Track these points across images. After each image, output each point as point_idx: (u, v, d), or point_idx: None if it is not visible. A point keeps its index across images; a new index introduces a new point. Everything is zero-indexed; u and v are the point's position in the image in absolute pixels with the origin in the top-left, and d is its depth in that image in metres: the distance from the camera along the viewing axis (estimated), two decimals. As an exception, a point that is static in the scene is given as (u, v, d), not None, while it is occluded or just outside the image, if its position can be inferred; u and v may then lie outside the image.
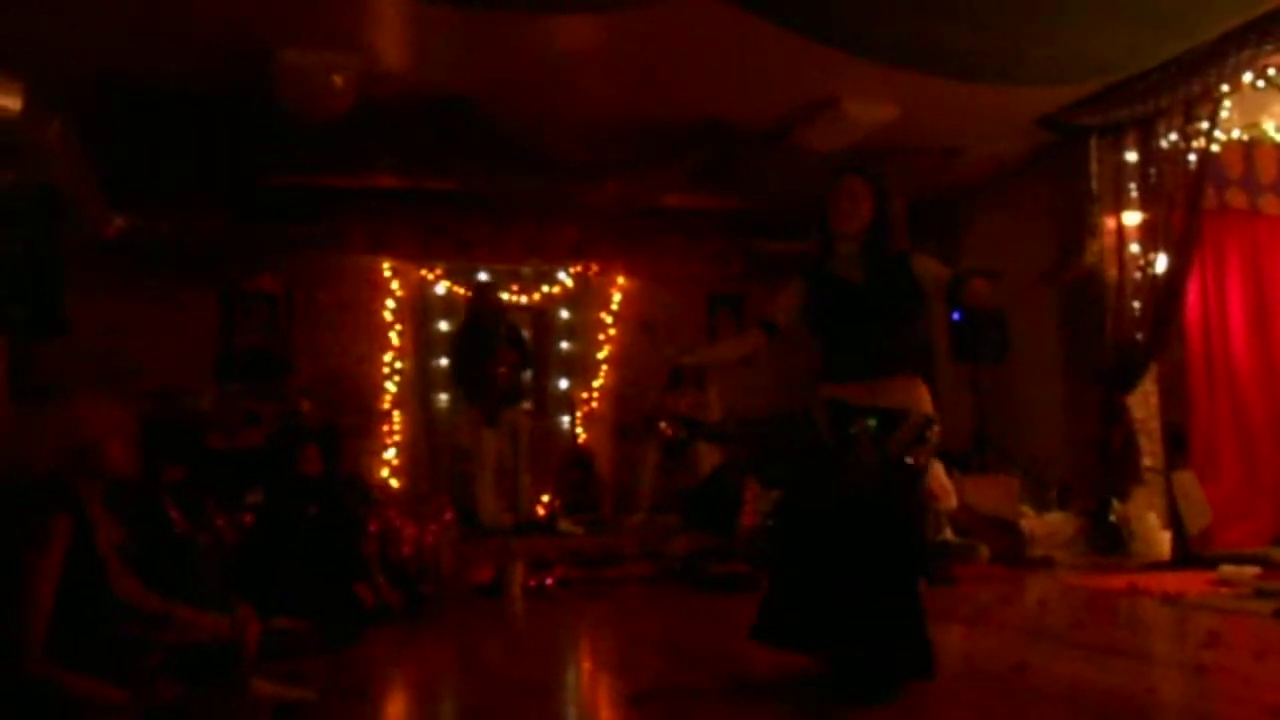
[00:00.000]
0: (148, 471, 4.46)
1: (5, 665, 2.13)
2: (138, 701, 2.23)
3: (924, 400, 3.29)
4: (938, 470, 6.51)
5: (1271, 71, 6.07)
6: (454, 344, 7.57)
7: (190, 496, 5.34)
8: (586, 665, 4.38)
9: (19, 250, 5.33)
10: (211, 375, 7.37)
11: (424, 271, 8.30)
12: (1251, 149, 6.95)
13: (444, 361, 8.30)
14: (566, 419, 8.59)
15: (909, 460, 3.20)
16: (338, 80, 5.60)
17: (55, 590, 2.20)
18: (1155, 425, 6.76)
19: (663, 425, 7.46)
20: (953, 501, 6.55)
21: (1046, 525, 6.64)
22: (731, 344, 4.96)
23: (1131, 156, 6.61)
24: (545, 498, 7.84)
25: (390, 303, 8.15)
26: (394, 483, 7.92)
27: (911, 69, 5.67)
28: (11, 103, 5.06)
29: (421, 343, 8.32)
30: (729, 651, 4.25)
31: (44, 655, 2.13)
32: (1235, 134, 6.72)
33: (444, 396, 8.30)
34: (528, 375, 7.62)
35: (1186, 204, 6.30)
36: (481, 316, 7.32)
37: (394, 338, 8.14)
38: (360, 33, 5.45)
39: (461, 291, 8.39)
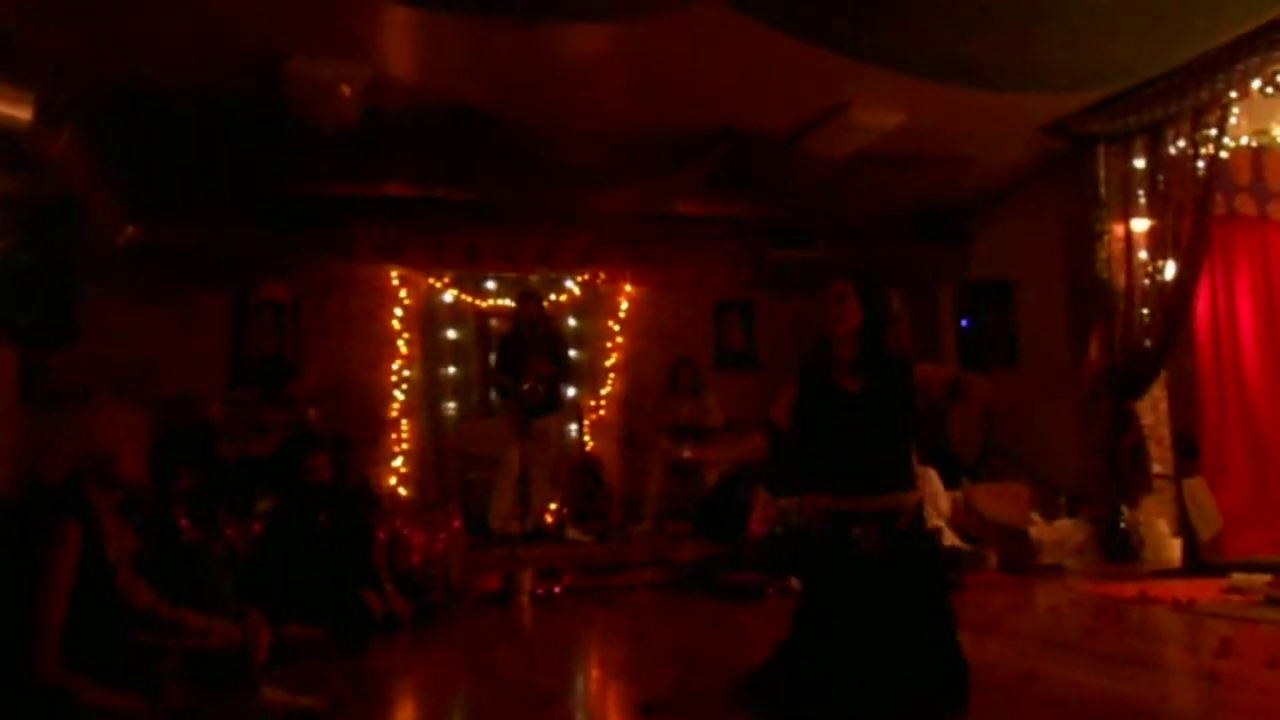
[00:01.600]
0: (158, 479, 4.49)
1: (18, 672, 2.13)
2: (150, 708, 2.23)
3: (915, 498, 3.28)
4: (930, 475, 6.50)
5: (1280, 78, 6.07)
6: (497, 352, 7.57)
7: (201, 505, 5.36)
8: (596, 673, 4.38)
9: (30, 259, 5.38)
10: (223, 383, 7.39)
11: (432, 280, 8.33)
12: (1260, 155, 6.95)
13: (452, 370, 8.33)
14: (574, 427, 8.59)
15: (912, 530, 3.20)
16: (346, 89, 5.62)
17: (67, 598, 2.21)
18: (1165, 432, 6.74)
19: (666, 445, 7.42)
20: (943, 506, 6.53)
21: (1056, 532, 6.63)
22: (733, 446, 4.81)
23: (1140, 163, 6.61)
24: (553, 505, 7.83)
25: (398, 311, 8.17)
26: (402, 491, 7.93)
27: (923, 77, 5.68)
28: (22, 113, 5.08)
29: (429, 351, 8.34)
30: (738, 659, 4.24)
31: (57, 662, 2.14)
32: (1244, 140, 6.72)
33: (452, 405, 8.31)
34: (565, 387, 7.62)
35: (1195, 211, 6.29)
36: (520, 326, 7.33)
37: (402, 346, 8.16)
38: (369, 42, 5.47)
39: (470, 300, 8.41)
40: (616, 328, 8.69)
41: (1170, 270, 6.40)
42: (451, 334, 8.41)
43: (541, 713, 3.28)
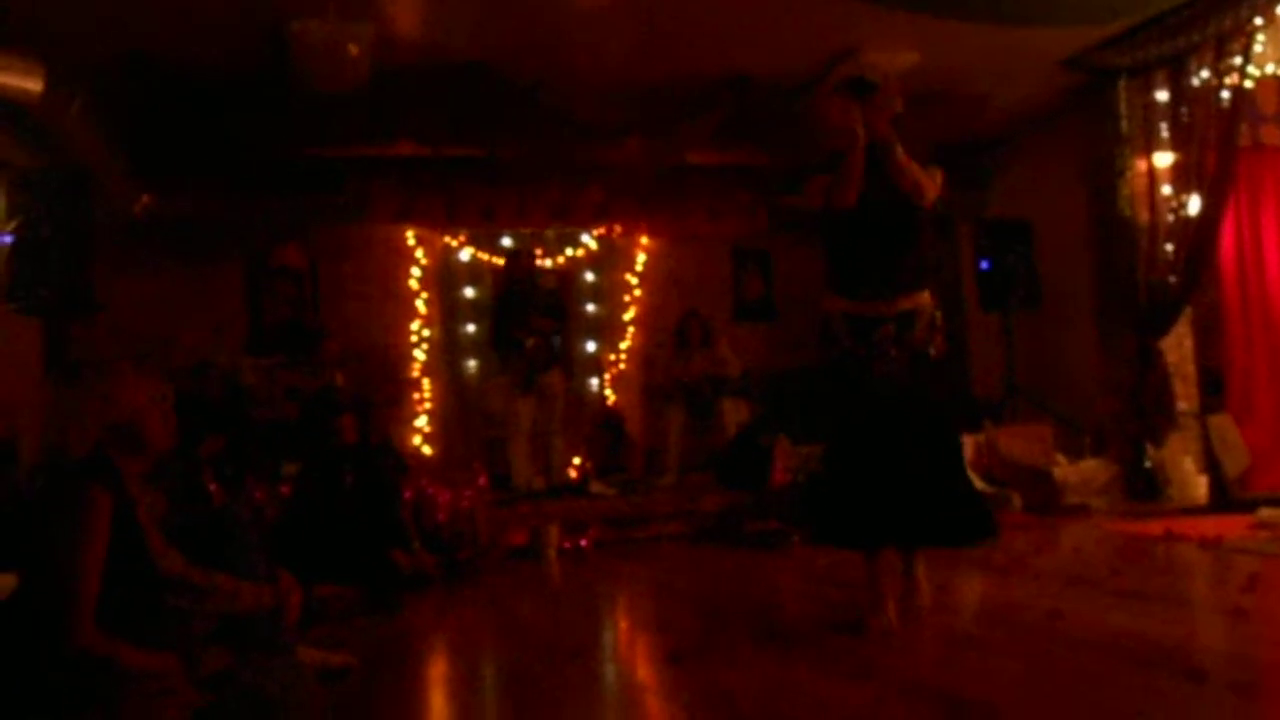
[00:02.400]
0: (186, 445, 4.54)
1: (55, 639, 2.17)
2: (187, 670, 2.27)
3: (928, 299, 3.59)
4: None
5: (1306, 3, 5.91)
6: (492, 312, 7.59)
7: (228, 469, 5.43)
8: (624, 625, 4.43)
9: (48, 232, 5.40)
10: (243, 349, 7.45)
11: (448, 239, 8.31)
12: (1287, 84, 6.78)
13: (471, 328, 8.34)
14: (595, 381, 8.62)
15: (931, 351, 3.55)
16: (353, 49, 5.57)
17: (101, 565, 2.24)
18: (1190, 369, 6.68)
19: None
20: (965, 450, 6.49)
21: (1080, 473, 6.60)
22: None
23: (1162, 96, 6.47)
24: (577, 460, 7.88)
25: (415, 271, 8.18)
26: (426, 450, 8.00)
27: (936, 14, 5.57)
28: (33, 85, 5.08)
29: (448, 310, 8.35)
30: (764, 607, 4.29)
31: (94, 629, 2.18)
32: (1270, 69, 6.54)
33: (473, 363, 8.34)
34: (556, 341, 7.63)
35: (1220, 143, 6.17)
36: (514, 284, 7.33)
37: (420, 306, 8.17)
38: (374, 1, 5.41)
39: (486, 258, 8.39)
40: (634, 281, 8.66)
41: (1194, 205, 6.30)
42: (470, 292, 8.41)
43: (570, 666, 3.33)
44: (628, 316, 8.64)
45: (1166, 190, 6.46)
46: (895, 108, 3.52)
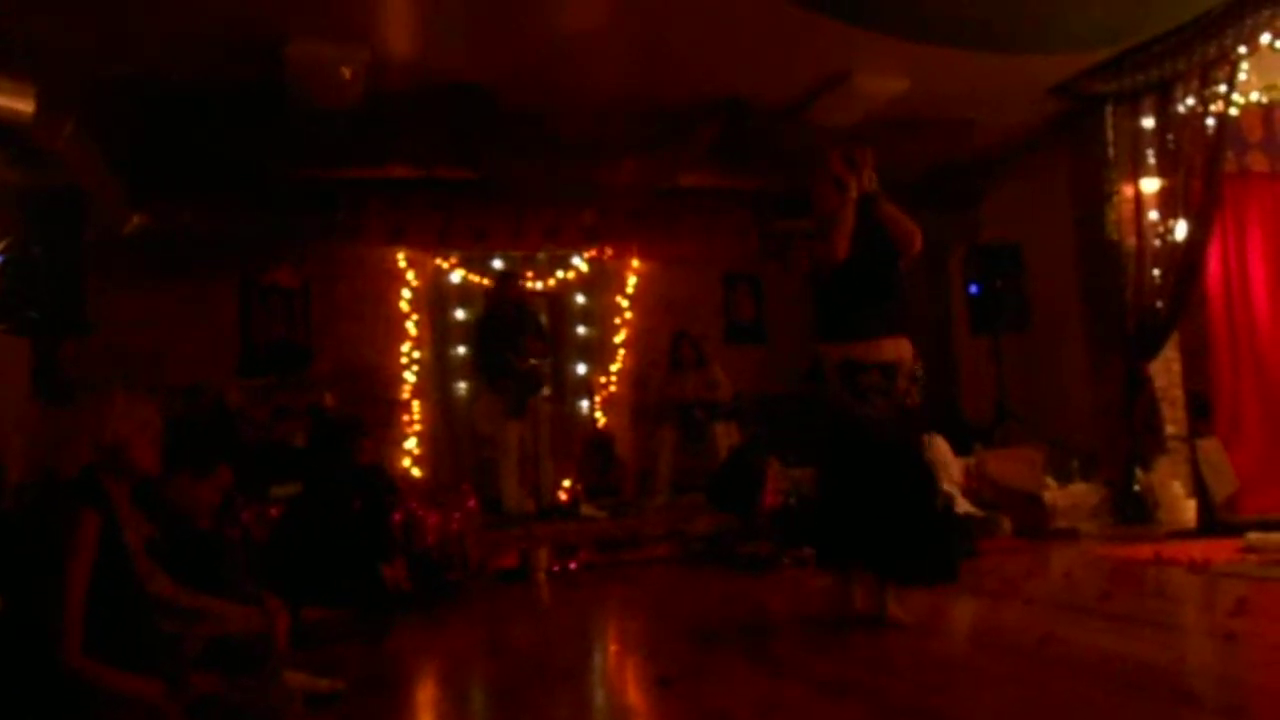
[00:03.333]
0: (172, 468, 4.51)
1: (41, 661, 2.16)
2: (174, 695, 2.25)
3: (909, 349, 3.89)
4: (938, 443, 6.47)
5: (1289, 31, 5.99)
6: (477, 335, 7.56)
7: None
8: (614, 648, 4.41)
9: (38, 252, 5.39)
10: (234, 370, 7.43)
11: (439, 260, 8.32)
12: (1271, 111, 6.87)
13: (462, 350, 8.33)
14: (585, 403, 8.61)
15: (908, 401, 3.84)
16: (346, 72, 5.60)
17: (87, 587, 2.23)
18: (1178, 393, 6.72)
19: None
20: (954, 473, 6.51)
21: (1070, 496, 6.61)
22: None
23: (1148, 122, 6.54)
24: (567, 482, 7.86)
25: (406, 293, 8.18)
26: (416, 472, 7.97)
27: (926, 41, 5.62)
28: (24, 106, 5.08)
29: (438, 332, 8.34)
30: (755, 630, 4.27)
31: (79, 651, 2.16)
32: (1254, 97, 6.63)
33: (463, 385, 8.32)
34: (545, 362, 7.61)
35: (1206, 169, 6.23)
36: (503, 306, 7.31)
37: (411, 328, 8.17)
38: (367, 23, 5.44)
39: (477, 280, 8.40)
40: (625, 303, 8.68)
41: (1181, 230, 6.35)
42: (460, 314, 8.41)
43: (560, 688, 3.31)
44: (619, 339, 8.65)
45: (1153, 216, 6.52)
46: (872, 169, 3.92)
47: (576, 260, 8.59)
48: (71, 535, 2.25)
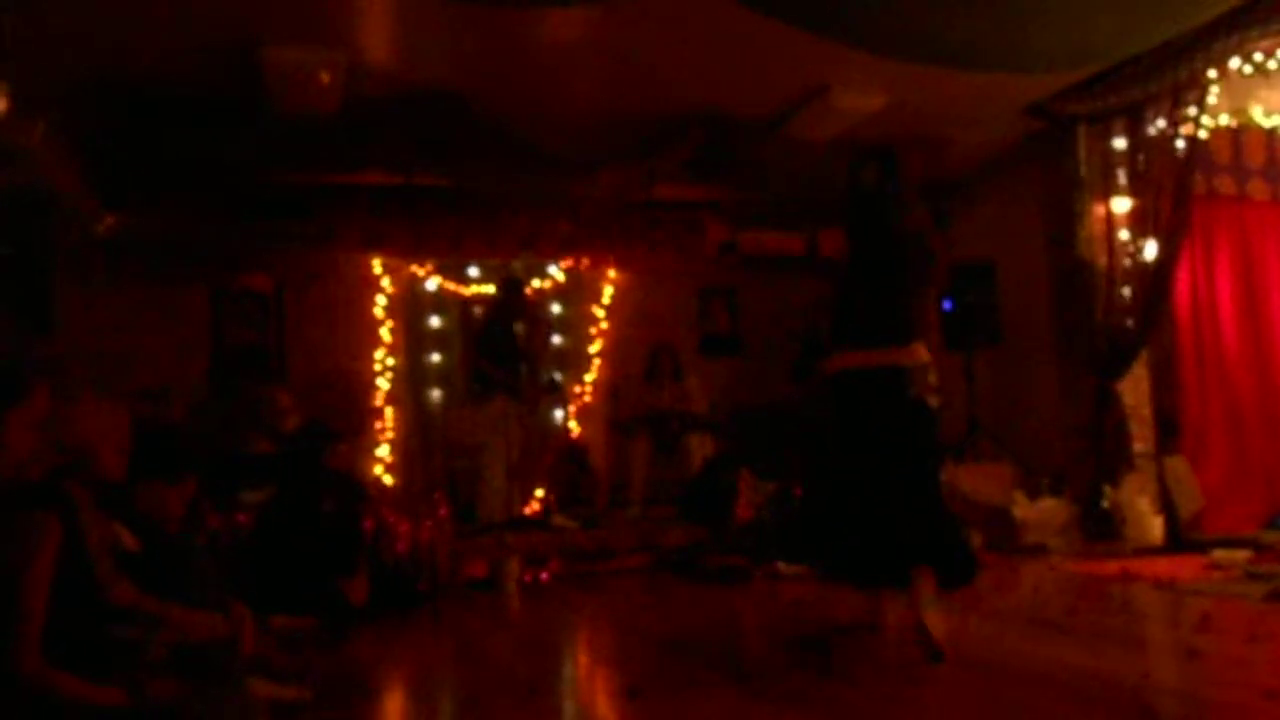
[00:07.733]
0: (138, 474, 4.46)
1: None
2: (134, 702, 2.22)
3: (923, 353, 3.72)
4: None
5: (1258, 57, 6.10)
6: (480, 341, 7.48)
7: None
8: (583, 659, 4.39)
9: (6, 252, 5.32)
10: (204, 374, 7.36)
11: (415, 268, 8.29)
12: (1239, 135, 6.98)
13: (436, 358, 8.29)
14: (559, 413, 8.59)
15: (931, 401, 3.70)
16: (324, 77, 5.57)
17: (47, 593, 2.20)
18: (1147, 411, 6.78)
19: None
20: None
21: (1039, 512, 6.66)
22: None
23: (1120, 143, 6.63)
24: (539, 492, 7.84)
25: (381, 300, 8.14)
26: (388, 479, 7.92)
27: (904, 59, 5.67)
28: (-5, 104, 5.02)
29: (413, 339, 8.31)
30: (725, 642, 4.27)
31: (38, 658, 2.13)
32: (1223, 120, 6.74)
33: (437, 393, 8.29)
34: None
35: (1175, 190, 6.32)
36: (511, 313, 7.28)
37: (385, 335, 8.12)
38: (346, 29, 5.42)
39: (453, 288, 8.37)
40: (601, 314, 8.68)
41: (1151, 250, 6.43)
42: (435, 322, 8.38)
43: (528, 700, 3.29)
44: (594, 349, 8.64)
45: (1124, 235, 6.60)
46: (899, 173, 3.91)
47: (553, 269, 8.59)
48: (32, 540, 2.22)
